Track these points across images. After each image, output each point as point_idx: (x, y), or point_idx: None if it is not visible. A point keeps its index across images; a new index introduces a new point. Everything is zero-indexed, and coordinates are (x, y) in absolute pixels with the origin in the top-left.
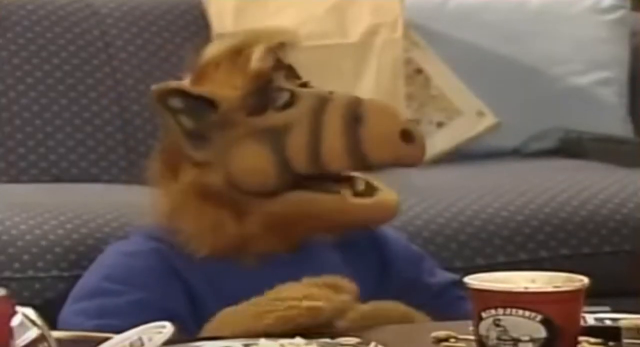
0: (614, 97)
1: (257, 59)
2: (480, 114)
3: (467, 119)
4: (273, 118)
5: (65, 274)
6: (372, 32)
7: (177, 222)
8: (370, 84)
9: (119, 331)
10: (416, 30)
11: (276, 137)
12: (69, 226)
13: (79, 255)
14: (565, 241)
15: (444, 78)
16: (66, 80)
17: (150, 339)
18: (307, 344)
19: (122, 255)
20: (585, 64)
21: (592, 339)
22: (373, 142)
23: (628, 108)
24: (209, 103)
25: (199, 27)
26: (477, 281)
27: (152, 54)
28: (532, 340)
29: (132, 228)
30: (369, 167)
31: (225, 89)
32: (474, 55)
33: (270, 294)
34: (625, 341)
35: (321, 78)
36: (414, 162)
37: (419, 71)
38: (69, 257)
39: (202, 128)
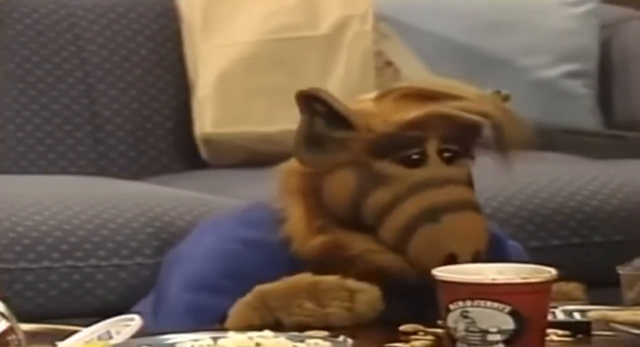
0: (583, 89)
1: (421, 112)
2: None
3: None
4: (383, 166)
5: (34, 265)
6: (342, 25)
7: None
8: (340, 76)
9: None
10: (386, 22)
11: (371, 183)
12: (38, 217)
13: (47, 246)
14: (534, 233)
15: (413, 70)
16: (35, 72)
17: (118, 332)
18: (275, 336)
19: (245, 245)
20: (554, 56)
21: (560, 332)
22: (418, 247)
23: (597, 100)
24: (347, 122)
25: (168, 19)
26: (444, 272)
27: (122, 46)
28: (500, 331)
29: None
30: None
31: (376, 118)
32: (444, 47)
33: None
34: (595, 332)
35: (291, 71)
36: None
37: (389, 63)
38: (38, 248)
39: (327, 138)
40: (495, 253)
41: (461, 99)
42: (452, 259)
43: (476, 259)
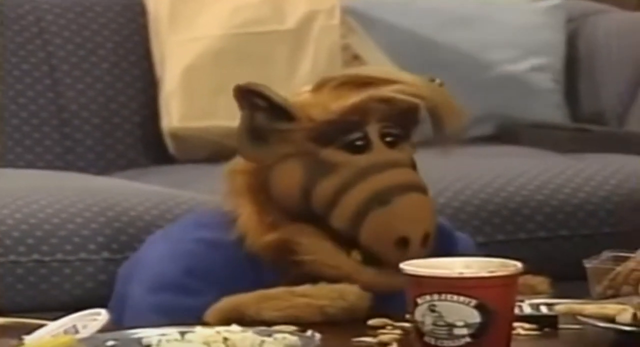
0: (550, 84)
1: (359, 97)
2: None
3: None
4: (328, 153)
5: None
6: (309, 19)
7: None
8: (307, 71)
9: None
10: (353, 16)
11: (317, 172)
12: (5, 211)
13: (13, 240)
14: (501, 226)
15: (380, 64)
16: (2, 66)
17: (84, 327)
18: (243, 331)
19: (204, 244)
20: (521, 51)
21: (527, 325)
22: (370, 231)
23: (563, 94)
24: (288, 114)
25: (135, 13)
26: (412, 266)
27: (88, 39)
28: (466, 325)
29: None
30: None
31: (316, 108)
32: (411, 41)
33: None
34: (562, 326)
35: (258, 65)
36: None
37: (356, 57)
38: (5, 242)
39: (269, 131)
40: (442, 244)
41: (396, 83)
42: (403, 242)
43: (426, 241)
